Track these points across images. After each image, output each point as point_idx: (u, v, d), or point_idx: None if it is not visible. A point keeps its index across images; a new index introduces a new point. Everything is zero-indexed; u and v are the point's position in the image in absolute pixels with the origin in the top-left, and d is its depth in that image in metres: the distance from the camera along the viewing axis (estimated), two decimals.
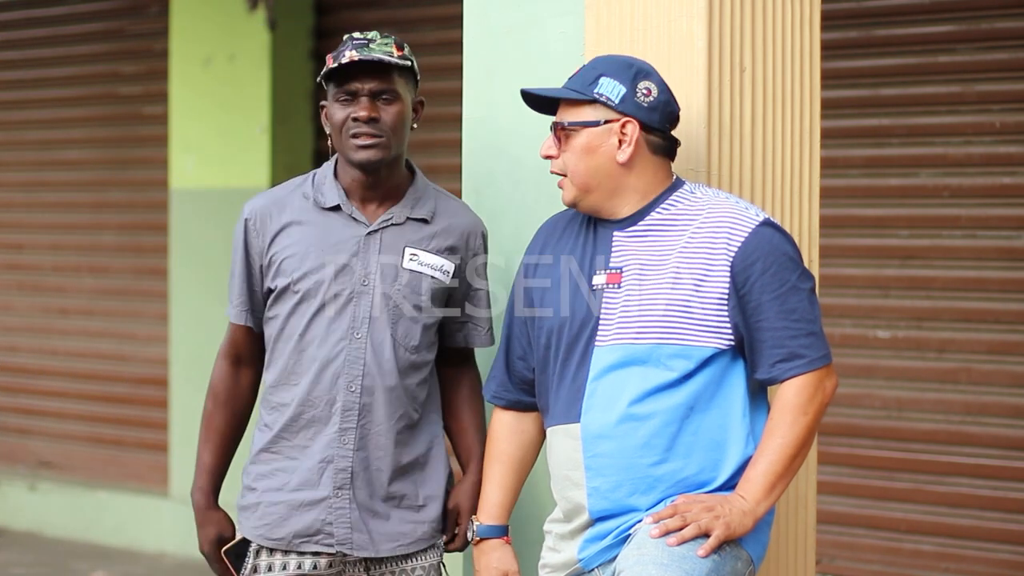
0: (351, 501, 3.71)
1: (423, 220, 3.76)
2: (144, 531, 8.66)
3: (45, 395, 9.47)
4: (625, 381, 3.36)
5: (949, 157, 6.47)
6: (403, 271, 3.72)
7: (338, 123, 3.69)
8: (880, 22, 6.63)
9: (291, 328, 3.73)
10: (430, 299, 3.74)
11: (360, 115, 3.66)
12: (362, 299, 3.70)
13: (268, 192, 3.84)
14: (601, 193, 3.44)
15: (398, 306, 3.71)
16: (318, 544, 3.72)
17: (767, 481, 3.30)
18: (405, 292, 3.72)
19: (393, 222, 3.74)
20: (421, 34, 7.94)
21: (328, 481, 3.71)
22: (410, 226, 3.75)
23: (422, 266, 3.73)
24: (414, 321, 3.73)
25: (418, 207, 3.77)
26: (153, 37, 8.86)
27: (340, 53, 3.69)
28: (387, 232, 3.74)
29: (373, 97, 3.67)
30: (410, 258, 3.73)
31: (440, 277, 3.75)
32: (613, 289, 3.41)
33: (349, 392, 3.70)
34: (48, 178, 9.56)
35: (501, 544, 3.67)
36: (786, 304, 3.33)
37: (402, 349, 3.72)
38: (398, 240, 3.73)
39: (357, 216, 3.74)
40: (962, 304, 6.44)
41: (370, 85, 3.67)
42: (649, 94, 3.42)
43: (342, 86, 3.68)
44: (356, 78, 3.67)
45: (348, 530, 3.71)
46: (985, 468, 6.37)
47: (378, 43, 3.69)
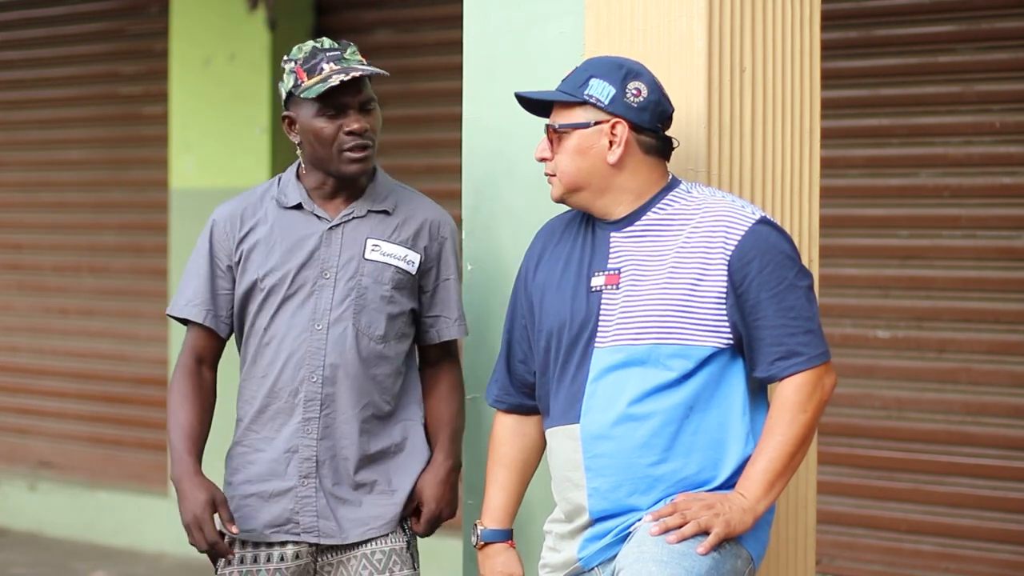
0: (317, 489, 3.78)
1: (384, 212, 3.83)
2: (144, 531, 8.66)
3: (45, 395, 9.46)
4: (624, 382, 3.36)
5: (949, 157, 6.47)
6: (365, 262, 3.79)
7: (328, 137, 3.73)
8: (880, 22, 6.63)
9: (258, 324, 3.81)
10: (393, 288, 3.79)
11: (355, 128, 3.72)
12: (323, 291, 3.78)
13: (237, 197, 3.92)
14: (589, 192, 3.45)
15: (361, 296, 3.78)
16: (287, 533, 3.78)
17: (767, 479, 3.30)
18: (367, 283, 3.78)
19: (355, 215, 3.82)
20: (421, 34, 7.94)
21: (294, 470, 3.78)
22: (372, 218, 3.82)
23: (384, 256, 3.80)
24: (378, 311, 3.79)
25: (379, 200, 3.84)
26: (153, 37, 8.86)
27: (316, 67, 3.71)
28: (348, 226, 3.81)
29: (359, 108, 3.74)
30: (372, 248, 3.80)
31: (404, 267, 3.81)
32: (612, 290, 3.41)
33: (311, 383, 3.77)
34: (48, 178, 9.56)
35: (505, 548, 3.67)
36: (784, 302, 3.33)
37: (366, 339, 3.78)
38: (360, 232, 3.80)
39: (319, 213, 3.81)
40: (962, 304, 6.44)
41: (359, 97, 3.74)
42: (639, 94, 3.42)
43: (329, 102, 3.71)
44: (345, 94, 3.72)
45: (314, 518, 3.78)
46: (985, 468, 6.37)
47: (348, 53, 3.75)
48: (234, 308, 3.84)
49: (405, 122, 7.86)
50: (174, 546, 8.47)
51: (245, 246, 3.82)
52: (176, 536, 8.42)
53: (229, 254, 3.83)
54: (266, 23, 8.14)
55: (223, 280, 3.84)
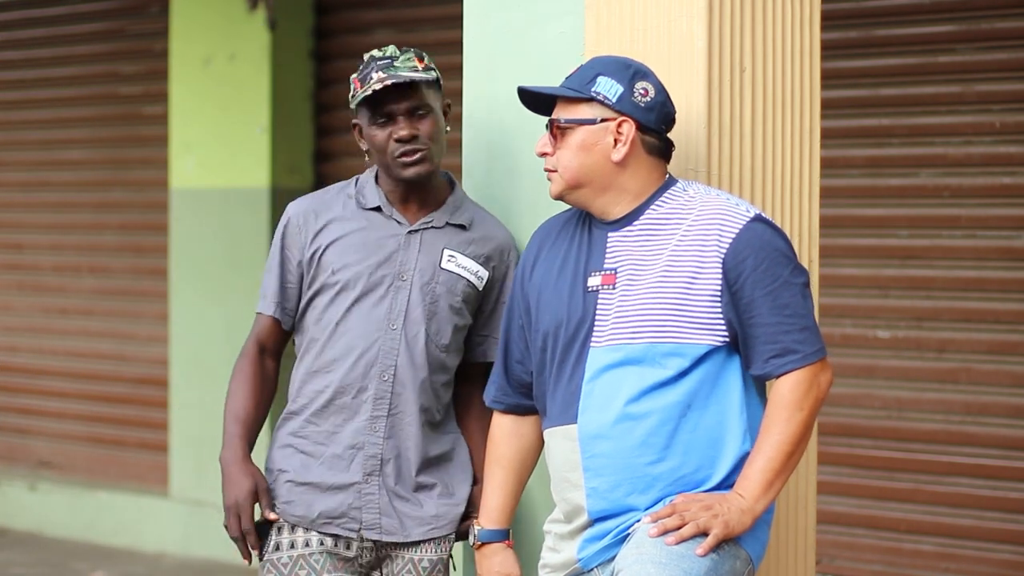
0: (380, 487, 3.80)
1: (461, 227, 3.87)
2: (144, 531, 8.65)
3: (45, 395, 9.46)
4: (621, 381, 3.36)
5: (949, 157, 6.47)
6: (440, 271, 3.83)
7: (381, 144, 3.80)
8: (880, 22, 6.63)
9: (328, 317, 3.83)
10: (463, 300, 3.84)
11: (401, 135, 3.77)
12: (400, 292, 3.81)
13: (312, 194, 3.98)
14: (590, 190, 3.45)
15: (434, 303, 3.82)
16: (340, 527, 3.80)
17: (765, 478, 3.30)
18: (441, 291, 3.82)
19: (433, 225, 3.86)
20: (421, 34, 7.94)
21: (358, 467, 3.80)
22: (449, 231, 3.86)
23: (459, 268, 3.85)
24: (447, 321, 3.83)
25: (457, 214, 3.88)
26: (153, 37, 8.85)
27: (366, 76, 3.79)
28: (427, 233, 3.85)
29: (409, 115, 3.78)
30: (448, 259, 3.84)
31: (475, 281, 3.86)
32: (608, 290, 3.41)
33: (382, 381, 3.80)
34: (48, 178, 9.56)
35: (503, 548, 3.67)
36: (779, 299, 3.33)
37: (433, 346, 3.82)
38: (437, 241, 3.85)
39: (398, 217, 3.86)
40: (962, 304, 6.44)
41: (404, 104, 3.78)
42: (646, 94, 3.43)
43: (376, 109, 3.78)
44: (390, 100, 3.77)
45: (377, 515, 3.80)
46: (985, 468, 6.37)
47: (401, 60, 3.80)
48: (300, 302, 3.88)
49: None
50: (174, 546, 8.47)
51: (321, 241, 3.85)
52: (176, 536, 8.42)
53: (302, 249, 3.87)
54: (266, 23, 8.14)
55: (292, 275, 3.88)
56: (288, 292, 3.89)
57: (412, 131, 3.76)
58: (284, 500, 3.82)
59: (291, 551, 3.80)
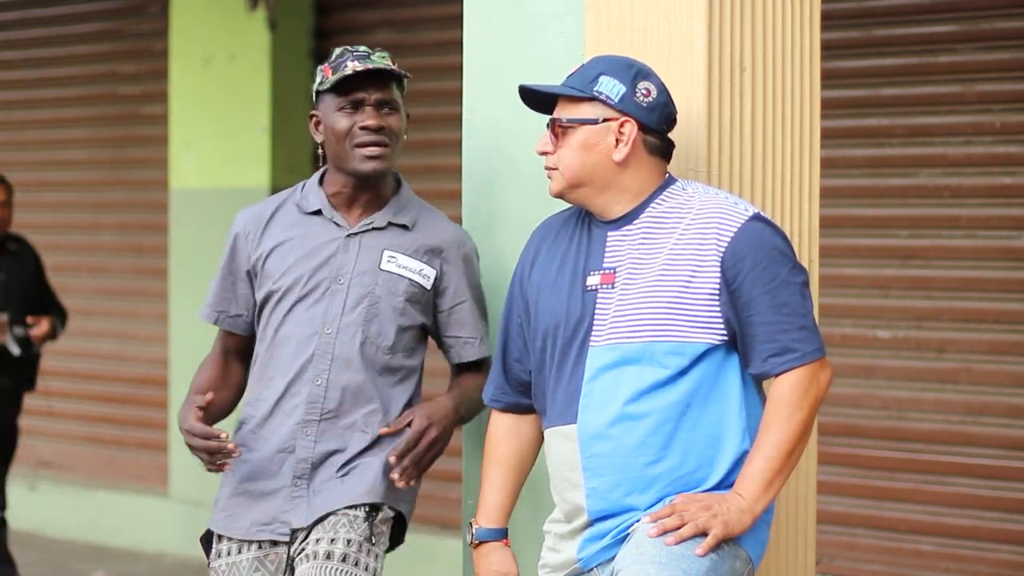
0: (308, 489, 3.79)
1: (404, 226, 3.85)
2: (144, 531, 8.66)
3: (45, 395, 9.46)
4: (620, 381, 3.36)
5: (949, 157, 6.47)
6: (380, 272, 3.81)
7: (343, 132, 3.77)
8: (880, 22, 6.63)
9: (270, 325, 3.84)
10: (406, 300, 3.81)
11: (369, 124, 3.75)
12: (336, 296, 3.79)
13: (261, 202, 3.97)
14: (591, 189, 3.44)
15: (374, 305, 3.79)
16: (272, 533, 3.80)
17: (764, 478, 3.30)
18: (381, 292, 3.80)
19: (374, 226, 3.84)
20: (421, 34, 7.94)
21: (288, 470, 3.80)
22: (391, 231, 3.84)
23: (400, 268, 3.82)
24: (389, 322, 3.81)
25: (400, 214, 3.86)
26: (153, 37, 8.86)
27: (340, 64, 3.78)
28: (367, 236, 3.83)
29: (378, 107, 3.76)
30: (388, 260, 3.82)
31: (419, 280, 3.83)
32: (607, 289, 3.41)
33: (315, 385, 3.77)
34: (48, 178, 9.56)
35: (500, 547, 3.66)
36: (777, 298, 3.32)
37: (374, 348, 3.80)
38: (378, 243, 3.82)
39: (338, 220, 3.84)
40: (962, 304, 6.44)
41: (376, 95, 3.77)
42: (648, 95, 3.42)
43: (346, 95, 3.76)
44: (362, 88, 3.76)
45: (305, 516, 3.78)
46: (985, 468, 6.37)
47: (376, 55, 3.80)
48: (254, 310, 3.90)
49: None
50: (174, 546, 8.47)
51: (263, 249, 3.85)
52: (176, 536, 8.43)
53: (248, 257, 3.87)
54: (266, 23, 8.14)
55: (243, 283, 3.89)
56: (240, 301, 3.89)
57: (379, 121, 3.75)
58: (221, 510, 3.86)
59: (228, 558, 3.84)
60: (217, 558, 3.85)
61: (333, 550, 3.67)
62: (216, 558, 3.85)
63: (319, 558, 3.66)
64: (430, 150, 7.78)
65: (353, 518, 3.72)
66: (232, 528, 3.84)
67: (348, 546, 3.68)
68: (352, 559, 3.68)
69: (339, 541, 3.68)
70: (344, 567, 3.66)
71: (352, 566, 3.67)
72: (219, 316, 3.91)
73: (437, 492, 7.73)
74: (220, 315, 3.91)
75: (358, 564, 3.68)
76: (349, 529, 3.70)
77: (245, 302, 3.90)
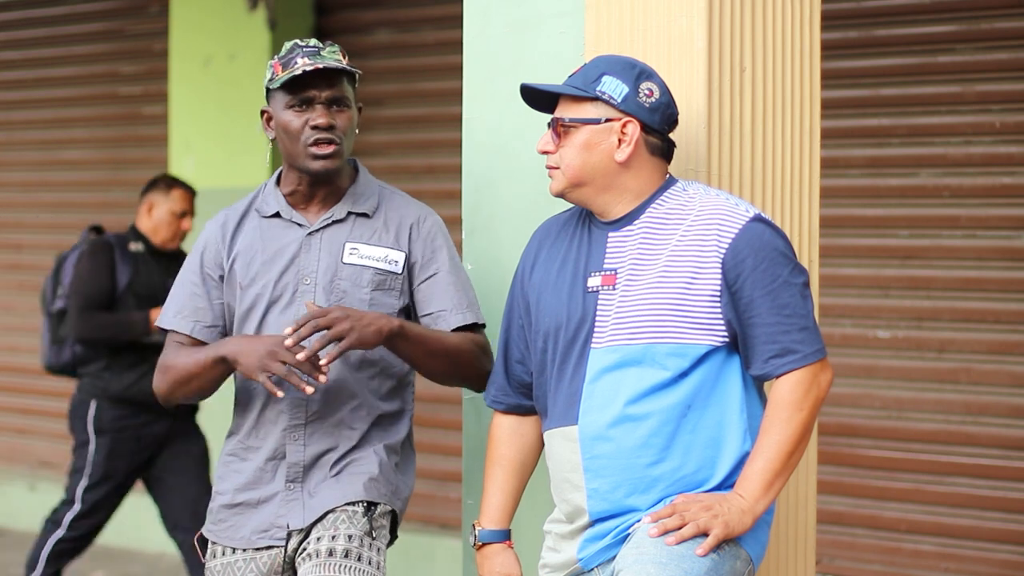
0: (302, 491, 3.78)
1: (364, 215, 3.81)
2: (144, 531, 8.65)
3: (45, 395, 9.46)
4: (621, 382, 3.36)
5: (949, 157, 6.47)
6: (343, 266, 3.78)
7: (295, 131, 3.74)
8: (880, 22, 6.63)
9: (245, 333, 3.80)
10: (373, 290, 3.77)
11: (320, 122, 3.72)
12: (305, 298, 3.76)
13: (228, 208, 3.92)
14: (592, 189, 3.44)
15: (340, 301, 3.75)
16: (270, 538, 3.79)
17: (765, 479, 3.30)
18: (346, 287, 3.77)
19: (334, 219, 3.81)
20: (421, 34, 7.94)
21: (281, 475, 3.79)
22: (352, 221, 3.82)
23: (363, 259, 3.79)
24: None
25: (359, 202, 3.83)
26: (153, 37, 8.85)
27: (290, 60, 3.74)
28: (328, 231, 3.81)
29: (328, 104, 3.73)
30: (350, 252, 3.79)
31: (385, 267, 3.79)
32: (608, 291, 3.41)
33: (296, 389, 3.71)
34: (48, 178, 9.56)
35: (503, 548, 3.66)
36: (778, 299, 3.32)
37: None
38: (339, 236, 3.80)
39: (297, 220, 3.81)
40: (962, 304, 6.44)
41: (326, 93, 3.73)
42: (651, 95, 3.42)
43: (296, 93, 3.72)
44: (312, 86, 3.72)
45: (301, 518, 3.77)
46: (985, 468, 6.37)
47: (327, 51, 3.75)
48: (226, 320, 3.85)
49: (405, 122, 7.86)
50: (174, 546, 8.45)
51: (230, 257, 3.83)
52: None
53: (220, 265, 3.84)
54: (266, 23, 8.13)
55: (215, 290, 3.84)
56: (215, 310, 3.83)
57: (330, 120, 3.72)
58: (216, 521, 3.86)
59: (223, 558, 3.84)
60: (212, 558, 3.86)
61: (335, 547, 3.66)
62: (211, 558, 3.86)
63: (321, 556, 3.66)
64: (430, 150, 7.78)
65: (352, 513, 3.71)
66: (233, 538, 3.83)
67: (349, 541, 3.68)
68: (354, 554, 3.67)
69: (340, 537, 3.68)
70: (347, 563, 3.65)
71: (355, 561, 3.66)
72: (195, 326, 3.82)
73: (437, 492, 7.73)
74: (196, 324, 3.82)
75: (360, 559, 3.67)
76: (349, 525, 3.70)
77: (219, 311, 3.84)
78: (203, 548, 3.91)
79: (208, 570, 3.87)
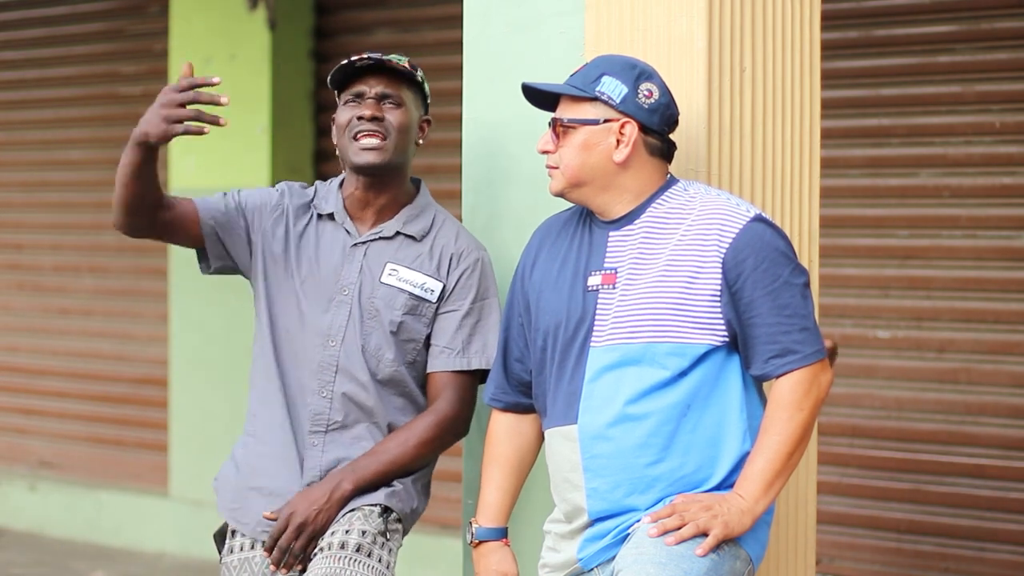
0: None
1: (412, 237, 3.82)
2: (144, 531, 8.65)
3: (45, 395, 9.46)
4: (620, 381, 3.36)
5: (949, 157, 6.47)
6: (380, 285, 3.78)
7: (343, 124, 3.77)
8: (880, 22, 6.63)
9: (277, 326, 3.82)
10: (405, 314, 3.78)
11: (364, 113, 3.73)
12: (341, 308, 3.78)
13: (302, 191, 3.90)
14: (591, 188, 3.44)
15: (373, 318, 3.77)
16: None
17: (764, 479, 3.30)
18: (380, 306, 3.77)
19: (382, 235, 3.81)
20: (421, 34, 7.94)
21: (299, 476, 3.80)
22: (399, 241, 3.82)
23: (401, 281, 3.79)
24: (387, 335, 3.77)
25: (411, 223, 3.83)
26: (153, 37, 8.85)
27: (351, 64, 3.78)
28: (374, 245, 3.81)
29: (379, 100, 3.76)
30: (389, 272, 3.79)
31: (420, 294, 3.79)
32: (608, 290, 3.41)
33: (321, 397, 3.77)
34: (48, 178, 9.56)
35: (500, 546, 3.66)
36: (779, 300, 3.32)
37: (375, 361, 3.78)
38: (384, 254, 3.80)
39: (348, 227, 3.82)
40: (962, 304, 6.44)
41: (377, 88, 3.76)
42: (650, 96, 3.42)
43: (348, 88, 3.77)
44: (364, 80, 3.76)
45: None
46: (985, 468, 6.36)
47: (393, 55, 3.80)
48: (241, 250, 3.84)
49: None
50: (174, 546, 8.46)
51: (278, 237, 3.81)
52: (176, 536, 8.42)
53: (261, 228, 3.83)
54: (266, 23, 8.13)
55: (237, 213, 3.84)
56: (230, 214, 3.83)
57: (376, 112, 3.73)
58: (231, 506, 3.86)
59: (240, 553, 3.83)
60: (229, 553, 3.85)
61: (347, 540, 3.67)
62: (228, 553, 3.85)
63: (333, 548, 3.66)
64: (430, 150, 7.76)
65: (368, 512, 3.72)
66: (239, 522, 3.84)
67: (363, 537, 3.68)
68: (366, 550, 3.67)
69: (354, 532, 3.68)
70: (358, 557, 3.65)
71: (366, 556, 3.66)
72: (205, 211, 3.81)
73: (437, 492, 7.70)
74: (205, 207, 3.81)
75: (371, 555, 3.67)
76: (364, 522, 3.70)
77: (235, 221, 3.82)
78: (220, 545, 3.91)
79: (224, 565, 3.86)
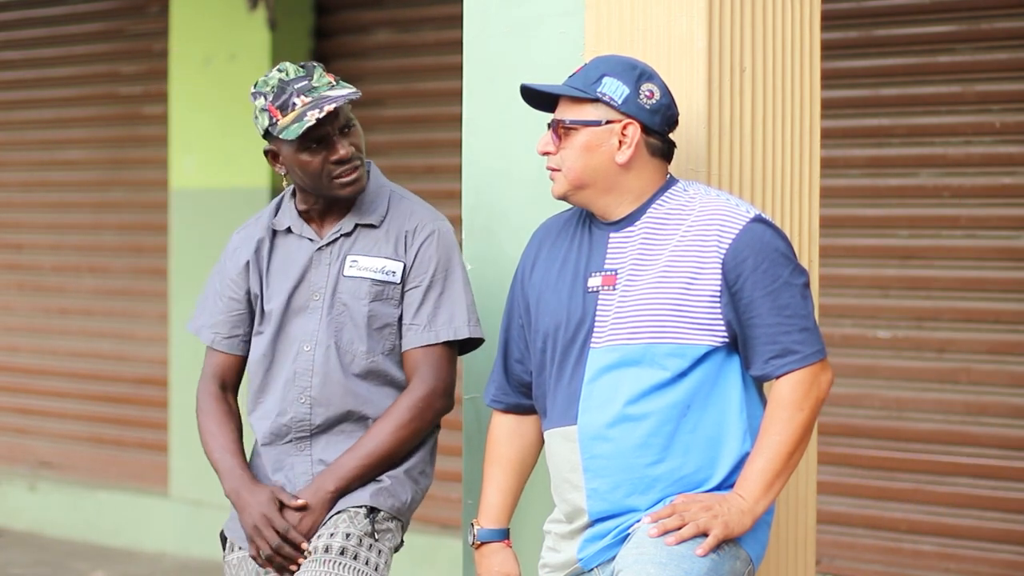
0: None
1: (372, 225, 3.81)
2: (144, 531, 8.65)
3: (45, 395, 9.47)
4: (620, 382, 3.36)
5: (949, 157, 6.47)
6: (344, 279, 3.78)
7: (315, 169, 3.71)
8: (880, 22, 6.63)
9: (258, 350, 3.84)
10: (372, 301, 3.77)
11: (341, 155, 3.69)
12: (313, 314, 3.79)
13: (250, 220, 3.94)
14: (594, 190, 3.44)
15: (342, 314, 3.77)
16: None
17: (765, 479, 3.30)
18: (347, 299, 3.77)
19: (342, 232, 3.81)
20: (421, 34, 7.94)
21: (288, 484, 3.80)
22: (360, 233, 3.81)
23: (361, 271, 3.78)
24: (359, 327, 3.77)
25: (367, 213, 3.82)
26: (153, 37, 8.85)
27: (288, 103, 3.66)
28: (336, 244, 3.81)
29: (342, 135, 3.70)
30: (350, 265, 3.79)
31: (382, 278, 3.78)
32: (608, 291, 3.41)
33: (300, 404, 3.78)
34: (48, 178, 9.56)
35: (502, 548, 3.66)
36: (778, 300, 3.32)
37: (350, 356, 3.77)
38: (345, 250, 3.80)
39: (308, 235, 3.82)
40: (962, 304, 6.44)
41: (338, 124, 3.69)
42: (651, 96, 3.42)
43: (309, 137, 3.67)
44: (323, 124, 3.67)
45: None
46: (985, 468, 6.37)
47: (316, 78, 3.70)
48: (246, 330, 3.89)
49: (405, 122, 7.86)
50: (174, 546, 8.47)
51: (250, 271, 3.84)
52: (176, 536, 8.42)
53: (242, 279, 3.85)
54: (266, 23, 8.13)
55: (238, 303, 3.87)
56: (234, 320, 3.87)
57: (348, 150, 3.70)
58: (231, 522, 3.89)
59: (240, 552, 3.86)
60: (230, 552, 3.88)
61: (331, 543, 3.67)
62: (229, 552, 3.89)
63: (317, 552, 3.67)
64: (430, 150, 7.78)
65: (353, 514, 3.72)
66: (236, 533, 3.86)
67: (347, 540, 3.67)
68: (351, 552, 3.66)
69: (338, 535, 3.68)
70: (342, 560, 3.65)
71: (351, 559, 3.65)
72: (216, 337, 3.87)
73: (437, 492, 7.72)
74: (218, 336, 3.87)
75: (357, 558, 3.67)
76: (349, 524, 3.70)
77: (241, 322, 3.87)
78: (224, 543, 3.93)
79: (226, 563, 3.89)
